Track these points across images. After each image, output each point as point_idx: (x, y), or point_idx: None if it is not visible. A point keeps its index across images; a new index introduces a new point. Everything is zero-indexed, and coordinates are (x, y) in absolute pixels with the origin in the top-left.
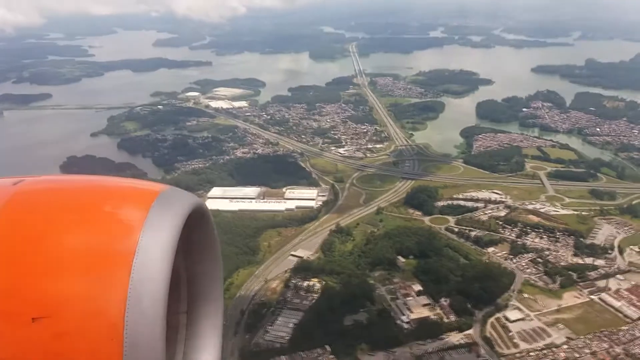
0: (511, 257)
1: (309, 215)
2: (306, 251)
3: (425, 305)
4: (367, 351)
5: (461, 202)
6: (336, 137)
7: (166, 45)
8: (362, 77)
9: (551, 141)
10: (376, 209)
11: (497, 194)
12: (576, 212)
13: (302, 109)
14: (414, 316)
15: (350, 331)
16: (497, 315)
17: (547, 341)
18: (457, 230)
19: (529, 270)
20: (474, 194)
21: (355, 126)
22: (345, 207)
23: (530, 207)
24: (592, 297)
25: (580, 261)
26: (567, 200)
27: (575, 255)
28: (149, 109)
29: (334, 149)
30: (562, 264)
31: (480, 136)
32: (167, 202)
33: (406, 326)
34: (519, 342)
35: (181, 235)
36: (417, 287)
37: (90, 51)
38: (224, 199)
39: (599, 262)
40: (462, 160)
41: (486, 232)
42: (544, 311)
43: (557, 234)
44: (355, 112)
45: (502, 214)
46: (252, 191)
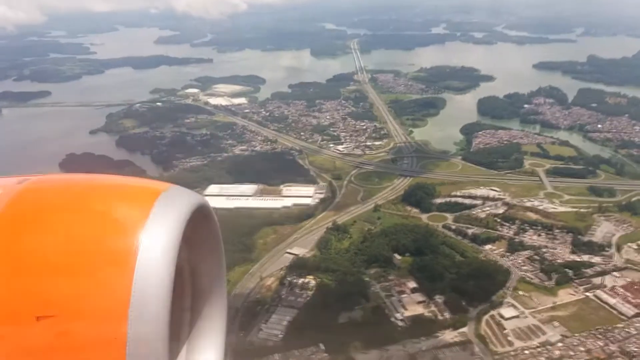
0: (508, 254)
1: (306, 212)
2: (302, 249)
3: (419, 302)
4: (360, 349)
5: (459, 200)
6: (335, 134)
7: (168, 42)
8: (363, 73)
9: (552, 138)
10: (373, 206)
11: (496, 191)
12: (575, 209)
13: (301, 105)
14: (408, 313)
15: (344, 329)
16: (492, 312)
17: (542, 339)
18: (454, 227)
19: (525, 267)
20: (472, 191)
21: (354, 123)
22: (342, 204)
23: (528, 204)
24: (587, 294)
25: (577, 258)
26: (566, 197)
27: (572, 252)
28: (148, 106)
29: (332, 146)
30: (559, 261)
31: (480, 133)
32: (170, 201)
33: (400, 324)
34: (513, 340)
35: (185, 232)
36: (412, 285)
37: (91, 49)
38: (220, 197)
39: (596, 260)
40: (460, 157)
41: (484, 230)
42: (539, 308)
43: (555, 231)
44: (355, 108)
45: (500, 211)
46: (249, 189)
